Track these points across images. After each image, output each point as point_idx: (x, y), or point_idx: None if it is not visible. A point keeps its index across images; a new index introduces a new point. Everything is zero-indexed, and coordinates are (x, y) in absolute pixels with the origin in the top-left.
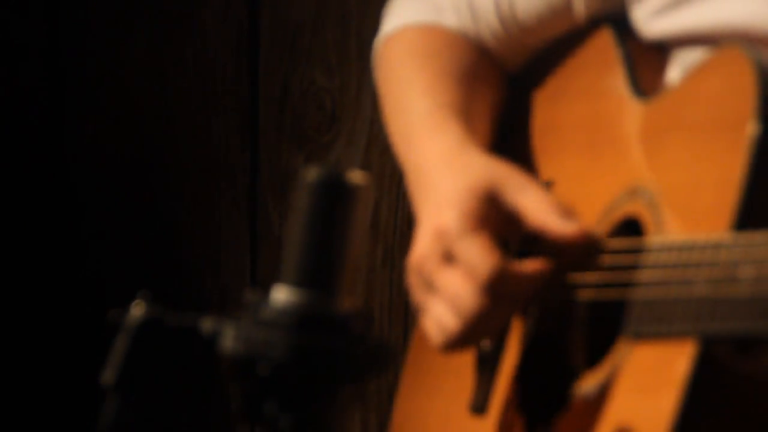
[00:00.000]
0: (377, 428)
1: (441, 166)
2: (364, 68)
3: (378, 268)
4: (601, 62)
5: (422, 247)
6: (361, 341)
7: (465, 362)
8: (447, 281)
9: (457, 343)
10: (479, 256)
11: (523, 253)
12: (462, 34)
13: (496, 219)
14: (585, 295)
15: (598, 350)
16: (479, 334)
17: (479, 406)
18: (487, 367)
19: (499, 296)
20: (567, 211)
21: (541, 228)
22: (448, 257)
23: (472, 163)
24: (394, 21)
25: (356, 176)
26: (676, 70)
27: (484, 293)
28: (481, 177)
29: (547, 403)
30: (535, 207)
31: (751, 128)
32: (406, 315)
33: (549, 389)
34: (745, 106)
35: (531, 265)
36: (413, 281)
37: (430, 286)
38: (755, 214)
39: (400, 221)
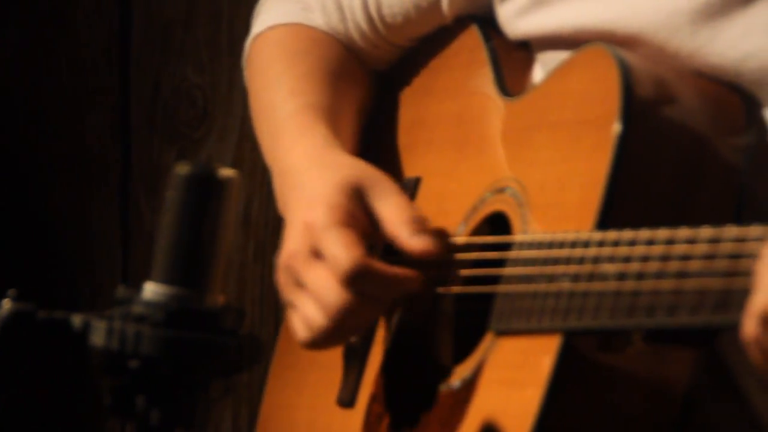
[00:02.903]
0: (248, 421)
1: (308, 166)
2: (235, 65)
3: (250, 263)
4: (468, 60)
5: (290, 243)
6: (232, 335)
7: (333, 356)
8: (313, 277)
9: (323, 339)
10: (342, 249)
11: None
12: (330, 33)
13: (362, 218)
14: (451, 289)
15: (465, 344)
16: (345, 331)
17: (347, 400)
18: (355, 361)
19: (362, 292)
20: (421, 225)
21: (393, 240)
22: (315, 253)
23: (339, 162)
24: (263, 21)
25: (227, 172)
26: (541, 71)
27: (346, 287)
28: (348, 175)
29: (414, 397)
30: (391, 218)
31: (616, 128)
32: (277, 309)
33: (416, 383)
34: (610, 106)
35: (395, 268)
36: (282, 279)
37: (297, 283)
38: (619, 211)
39: (271, 217)
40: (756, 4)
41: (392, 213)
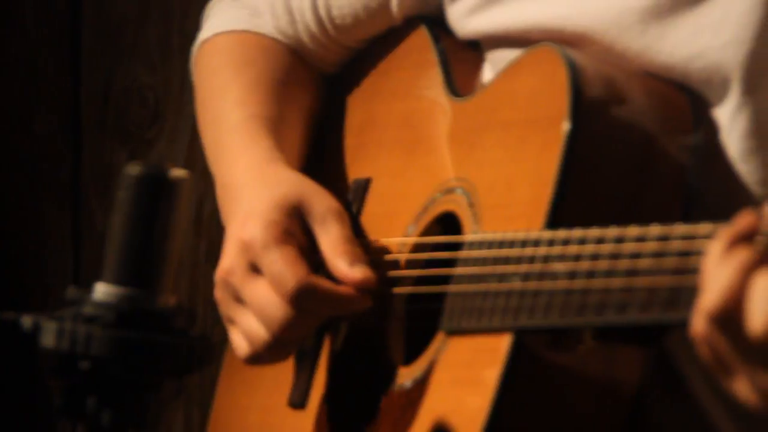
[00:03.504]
0: (200, 423)
1: (248, 180)
2: (187, 65)
3: (201, 263)
4: (417, 61)
5: (228, 259)
6: (183, 336)
7: None
8: (254, 293)
9: (265, 354)
10: (285, 267)
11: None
12: (278, 38)
13: (302, 236)
14: (402, 289)
15: (417, 344)
16: (287, 345)
17: (298, 401)
18: (306, 362)
19: (307, 309)
20: (356, 256)
21: (330, 268)
22: (255, 269)
23: (279, 177)
24: (211, 26)
25: (178, 172)
26: (490, 71)
27: (290, 304)
28: (288, 192)
29: (366, 398)
30: (329, 245)
31: (564, 127)
32: None
33: (368, 383)
34: (558, 106)
35: (341, 288)
36: (220, 295)
37: (237, 299)
38: (569, 210)
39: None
40: (704, 4)
41: (330, 241)
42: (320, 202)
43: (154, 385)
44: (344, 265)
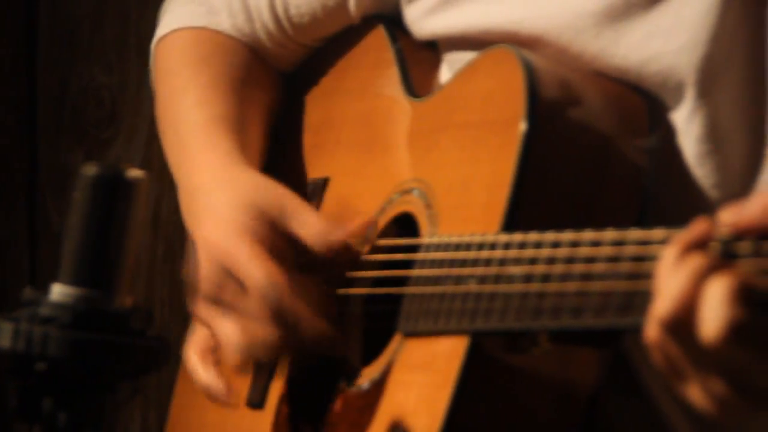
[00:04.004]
0: (157, 423)
1: (212, 184)
2: (143, 65)
3: (159, 263)
4: (375, 61)
5: (205, 269)
6: (140, 337)
7: None
8: (236, 301)
9: (251, 357)
10: (263, 275)
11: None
12: (236, 36)
13: (269, 236)
14: (359, 291)
15: (374, 345)
16: (268, 347)
17: (256, 401)
18: (264, 363)
19: (286, 313)
20: (337, 225)
21: (321, 250)
22: (233, 276)
23: (243, 179)
24: (168, 22)
25: (135, 173)
26: (447, 72)
27: (272, 309)
28: (252, 195)
29: (323, 398)
30: (311, 235)
31: (521, 128)
32: (186, 310)
33: (326, 384)
34: (515, 107)
35: (315, 288)
36: (198, 304)
37: (217, 307)
38: (525, 212)
39: (181, 218)
40: (658, 9)
41: (312, 232)
42: (290, 200)
43: (111, 386)
44: (331, 236)
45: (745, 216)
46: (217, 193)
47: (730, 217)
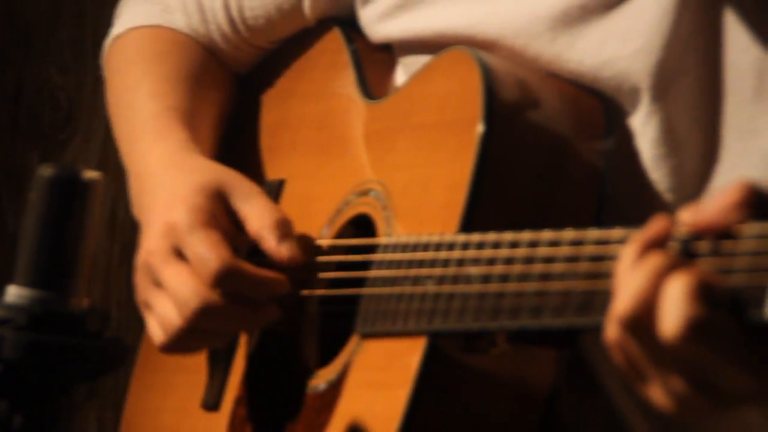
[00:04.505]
0: (114, 426)
1: (165, 170)
2: (99, 66)
3: (115, 265)
4: (330, 63)
5: (150, 243)
6: (96, 338)
7: (198, 359)
8: (172, 275)
9: (177, 342)
10: (208, 250)
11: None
12: (191, 35)
13: (225, 220)
14: (316, 292)
15: (331, 346)
16: (201, 335)
17: (212, 403)
18: (220, 364)
19: (228, 293)
20: (287, 229)
21: (260, 244)
22: (177, 253)
23: (197, 165)
24: (123, 22)
25: (91, 174)
26: (403, 74)
27: (212, 288)
28: (210, 177)
29: (280, 399)
30: (257, 222)
31: (478, 129)
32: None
33: (282, 385)
34: (472, 108)
35: (264, 271)
36: (138, 278)
37: (155, 282)
38: (483, 213)
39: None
40: (613, 13)
41: (257, 217)
42: (242, 183)
43: (67, 388)
44: (274, 239)
45: (704, 215)
46: (168, 176)
47: (689, 216)
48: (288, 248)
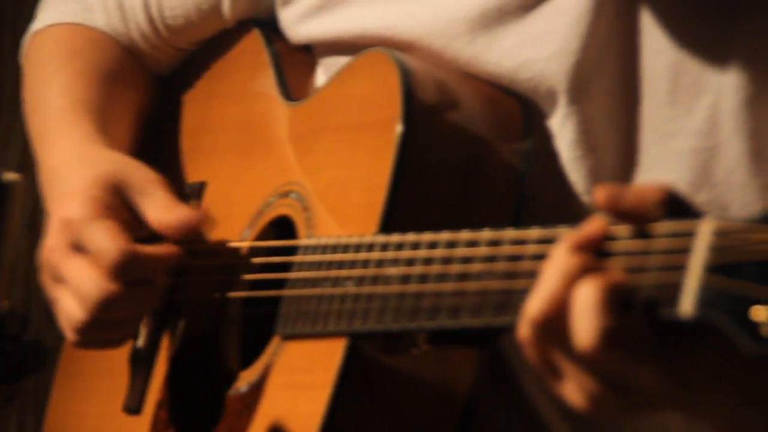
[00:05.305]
0: (35, 429)
1: (69, 162)
2: (20, 68)
3: (36, 268)
4: (250, 64)
5: (49, 239)
6: (15, 341)
7: (120, 363)
8: (72, 270)
9: (87, 335)
10: (105, 240)
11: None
12: (111, 34)
13: (122, 211)
14: (237, 294)
15: (253, 348)
16: (108, 326)
17: (133, 407)
18: (140, 367)
19: (131, 280)
20: (182, 211)
21: (157, 227)
22: (76, 246)
23: (100, 157)
24: (42, 18)
25: (11, 176)
26: (323, 75)
27: (111, 277)
28: (107, 169)
29: (202, 402)
30: (153, 210)
31: (398, 130)
32: None
33: (204, 388)
34: (391, 109)
35: (158, 248)
36: (44, 278)
37: (58, 278)
38: (402, 213)
39: None
40: (530, 16)
41: (154, 207)
42: (138, 174)
43: None
44: (170, 218)
45: (623, 201)
46: (70, 170)
47: (605, 196)
48: (181, 211)
